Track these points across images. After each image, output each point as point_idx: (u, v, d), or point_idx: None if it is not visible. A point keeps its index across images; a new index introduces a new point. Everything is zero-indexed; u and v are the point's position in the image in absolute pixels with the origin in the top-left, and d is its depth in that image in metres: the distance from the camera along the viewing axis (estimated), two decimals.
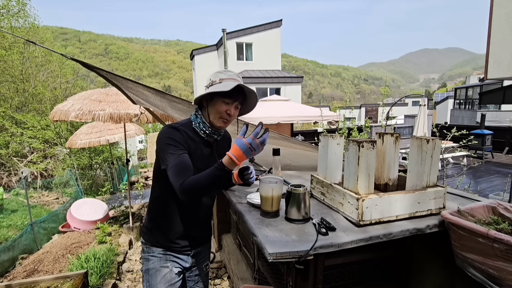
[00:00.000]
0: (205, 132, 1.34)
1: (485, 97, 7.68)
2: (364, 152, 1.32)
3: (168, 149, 1.22)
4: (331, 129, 8.19)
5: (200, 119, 1.34)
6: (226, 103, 1.29)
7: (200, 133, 1.34)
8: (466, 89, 27.78)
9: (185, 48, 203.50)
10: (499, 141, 10.96)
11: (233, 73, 1.33)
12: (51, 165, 9.16)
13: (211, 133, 1.35)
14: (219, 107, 1.29)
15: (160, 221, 1.39)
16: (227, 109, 1.30)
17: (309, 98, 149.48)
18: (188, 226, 1.41)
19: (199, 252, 1.52)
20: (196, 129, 1.34)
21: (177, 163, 1.19)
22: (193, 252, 1.48)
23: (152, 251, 1.40)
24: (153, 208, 1.42)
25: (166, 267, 1.39)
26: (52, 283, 2.38)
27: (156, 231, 1.40)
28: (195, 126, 1.34)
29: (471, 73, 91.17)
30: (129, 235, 4.31)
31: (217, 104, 1.29)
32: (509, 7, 2.47)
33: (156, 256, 1.40)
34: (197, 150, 1.33)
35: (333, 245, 1.15)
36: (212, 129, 1.35)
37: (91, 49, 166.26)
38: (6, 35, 9.30)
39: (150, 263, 1.40)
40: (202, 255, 1.56)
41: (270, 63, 17.15)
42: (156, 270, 1.39)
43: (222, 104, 1.29)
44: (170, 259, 1.40)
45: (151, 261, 1.40)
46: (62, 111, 3.60)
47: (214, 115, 1.31)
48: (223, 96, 1.27)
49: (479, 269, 1.12)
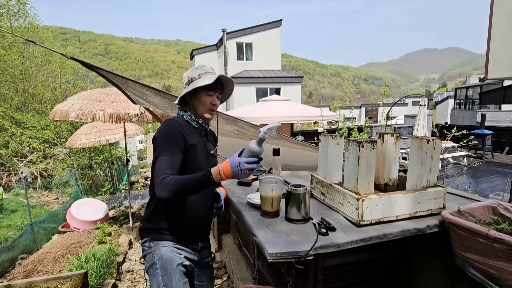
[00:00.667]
0: (198, 122, 1.42)
1: (485, 97, 7.69)
2: (364, 152, 1.31)
3: (168, 141, 1.27)
4: (331, 129, 8.19)
5: (190, 111, 1.42)
6: (209, 95, 1.39)
7: (193, 124, 1.41)
8: (466, 89, 27.78)
9: (185, 48, 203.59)
10: (499, 141, 10.95)
11: (208, 66, 1.43)
12: (51, 165, 9.16)
13: (203, 123, 1.44)
14: (204, 100, 1.39)
15: (166, 215, 1.38)
16: (211, 100, 1.40)
17: (309, 98, 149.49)
18: (194, 217, 1.41)
19: (203, 247, 1.53)
20: (189, 121, 1.41)
21: (169, 157, 1.24)
22: (200, 246, 1.49)
23: (162, 244, 1.35)
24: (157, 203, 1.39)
25: (179, 257, 1.36)
26: (52, 283, 2.37)
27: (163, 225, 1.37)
28: (187, 118, 1.41)
29: (471, 73, 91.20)
30: (129, 235, 4.31)
31: (201, 97, 1.38)
32: (509, 7, 2.47)
33: (166, 246, 1.35)
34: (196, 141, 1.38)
35: (333, 245, 1.15)
36: (202, 120, 1.43)
37: (91, 49, 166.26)
38: (6, 34, 9.30)
39: (162, 252, 1.34)
40: (206, 250, 1.57)
41: (270, 63, 17.14)
42: (170, 257, 1.34)
43: (206, 97, 1.38)
44: (180, 251, 1.38)
45: (163, 250, 1.34)
46: (62, 111, 3.60)
47: (202, 108, 1.40)
48: (206, 89, 1.36)
49: (479, 269, 1.12)
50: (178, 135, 1.28)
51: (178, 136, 1.28)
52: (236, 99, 15.38)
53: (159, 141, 1.29)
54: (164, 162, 1.23)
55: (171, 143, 1.27)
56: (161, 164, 1.22)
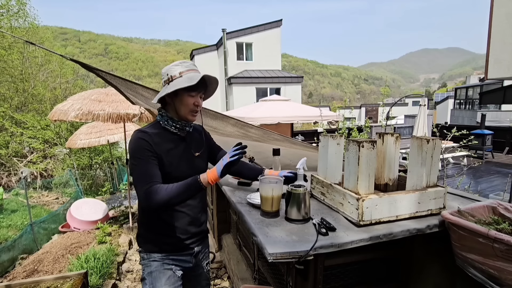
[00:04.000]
0: (176, 127, 1.34)
1: (485, 97, 7.69)
2: (364, 152, 1.31)
3: (136, 154, 1.22)
4: (331, 129, 8.20)
5: (166, 116, 1.33)
6: (192, 96, 1.29)
7: (171, 129, 1.34)
8: (466, 89, 27.77)
9: (185, 48, 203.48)
10: (499, 141, 10.95)
11: (190, 62, 1.32)
12: (51, 165, 9.16)
13: (182, 126, 1.35)
14: (187, 101, 1.29)
15: (156, 227, 1.37)
16: (194, 101, 1.30)
17: (309, 98, 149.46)
18: (185, 224, 1.40)
19: (200, 251, 1.52)
20: (166, 127, 1.34)
21: (144, 168, 1.19)
22: (195, 251, 1.47)
23: (153, 257, 1.37)
24: (146, 215, 1.38)
25: (169, 270, 1.37)
26: (52, 283, 2.37)
27: (154, 237, 1.37)
28: (164, 125, 1.34)
29: (471, 73, 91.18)
30: (129, 235, 4.31)
31: (183, 98, 1.28)
32: (509, 7, 2.47)
33: (157, 260, 1.37)
34: (172, 147, 1.33)
35: (333, 245, 1.14)
36: (182, 123, 1.35)
37: (91, 49, 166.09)
38: (6, 35, 9.30)
39: (152, 267, 1.36)
40: (203, 254, 1.56)
41: (270, 63, 17.13)
42: (159, 272, 1.36)
43: (189, 98, 1.29)
44: (172, 262, 1.38)
45: (153, 265, 1.37)
46: (62, 111, 3.60)
47: (184, 110, 1.31)
48: (189, 90, 1.26)
49: (480, 269, 1.12)
50: (146, 148, 1.23)
51: (146, 149, 1.23)
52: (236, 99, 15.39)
53: (130, 158, 1.25)
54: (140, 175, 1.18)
55: (139, 154, 1.22)
56: (137, 178, 1.18)
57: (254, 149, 2.92)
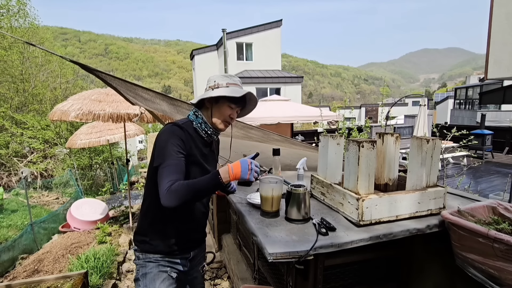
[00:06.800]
0: (206, 132, 1.34)
1: (485, 97, 7.69)
2: (364, 152, 1.32)
3: (169, 146, 1.20)
4: (331, 129, 8.19)
5: (201, 119, 1.33)
6: (231, 107, 1.32)
7: (202, 133, 1.34)
8: (466, 89, 27.78)
9: (185, 48, 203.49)
10: (499, 141, 10.95)
11: (237, 79, 1.36)
12: (51, 165, 9.16)
13: (212, 133, 1.36)
14: (224, 111, 1.31)
15: (158, 228, 1.35)
16: (231, 113, 1.33)
17: (309, 98, 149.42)
18: (187, 229, 1.38)
19: (196, 254, 1.50)
20: (197, 129, 1.33)
21: (173, 163, 1.17)
22: (191, 255, 1.45)
23: (149, 258, 1.35)
24: (150, 214, 1.35)
25: (164, 272, 1.35)
26: (53, 283, 2.37)
27: (154, 238, 1.35)
28: (196, 126, 1.33)
29: (471, 73, 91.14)
30: (129, 235, 4.31)
31: (222, 107, 1.31)
32: (509, 7, 2.47)
33: (153, 262, 1.35)
34: (199, 149, 1.33)
35: (333, 245, 1.15)
36: (213, 130, 1.35)
37: (91, 49, 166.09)
38: (6, 35, 9.30)
39: (147, 268, 1.35)
40: (199, 258, 1.54)
41: (270, 63, 17.14)
42: (154, 274, 1.34)
43: (228, 108, 1.31)
44: (168, 264, 1.37)
45: (148, 266, 1.35)
46: (62, 111, 3.60)
47: (218, 118, 1.32)
48: (231, 101, 1.30)
49: (479, 269, 1.12)
50: (180, 136, 1.23)
51: (179, 141, 1.22)
52: None
53: (159, 148, 1.21)
54: (168, 169, 1.15)
55: (173, 147, 1.19)
56: (164, 172, 1.15)
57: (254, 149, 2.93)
